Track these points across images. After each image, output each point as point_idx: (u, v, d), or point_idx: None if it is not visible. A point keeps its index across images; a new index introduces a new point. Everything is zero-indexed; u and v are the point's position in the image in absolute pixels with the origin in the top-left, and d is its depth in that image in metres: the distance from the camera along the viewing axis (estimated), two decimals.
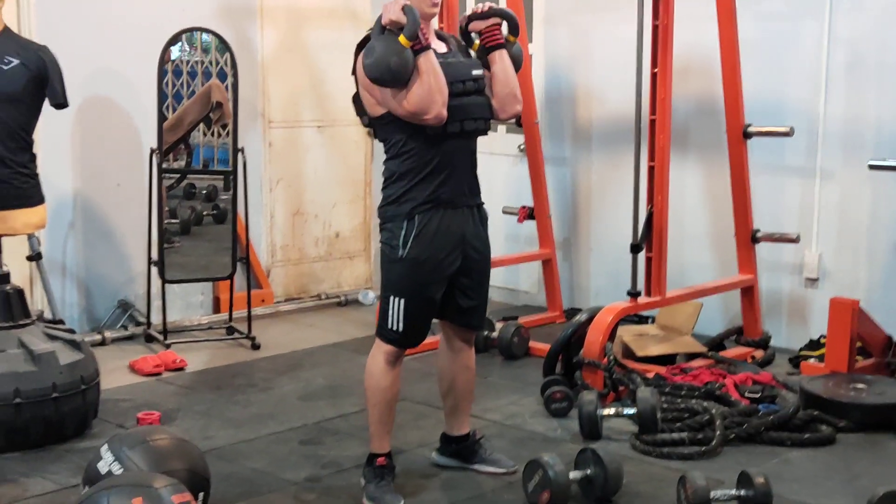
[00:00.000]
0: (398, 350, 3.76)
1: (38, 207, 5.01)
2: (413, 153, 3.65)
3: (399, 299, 3.68)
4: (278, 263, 6.79)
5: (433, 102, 3.53)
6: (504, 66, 3.77)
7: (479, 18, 3.79)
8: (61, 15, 5.62)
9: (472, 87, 3.70)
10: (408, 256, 3.66)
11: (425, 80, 3.52)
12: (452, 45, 3.79)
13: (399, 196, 3.69)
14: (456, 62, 3.70)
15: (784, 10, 5.67)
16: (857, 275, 5.55)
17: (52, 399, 4.21)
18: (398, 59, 3.51)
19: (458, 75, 3.66)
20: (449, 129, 3.64)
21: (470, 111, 3.70)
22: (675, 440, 4.25)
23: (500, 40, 3.77)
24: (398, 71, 3.51)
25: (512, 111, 3.81)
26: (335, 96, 6.90)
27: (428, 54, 3.56)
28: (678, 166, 5.64)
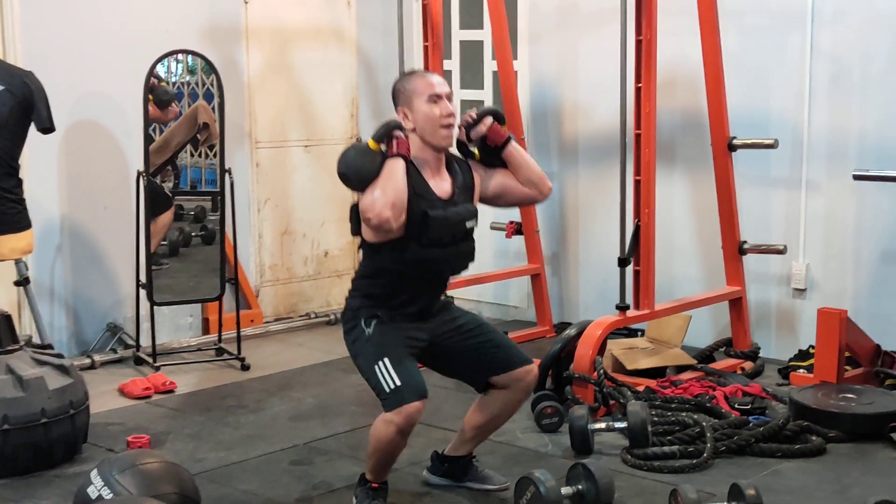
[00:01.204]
0: (413, 410, 3.56)
1: (24, 232, 5.00)
2: (386, 281, 3.72)
3: (381, 361, 3.62)
4: (267, 283, 6.78)
5: (375, 203, 3.52)
6: (521, 154, 3.86)
7: (474, 125, 3.83)
8: (46, 40, 5.63)
9: (461, 237, 3.75)
10: (374, 332, 3.69)
11: (378, 183, 3.54)
12: (458, 182, 3.78)
13: (360, 308, 3.74)
14: (453, 213, 3.70)
15: (767, 24, 5.71)
16: (845, 284, 5.57)
17: (40, 424, 4.19)
18: (354, 153, 3.59)
19: (452, 228, 3.70)
20: (426, 276, 3.73)
21: (451, 262, 3.79)
22: (665, 453, 4.26)
23: (506, 135, 3.84)
24: (354, 166, 3.57)
25: (546, 189, 3.91)
26: (321, 115, 6.92)
27: (392, 161, 3.58)
28: (664, 180, 5.66)
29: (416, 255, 3.66)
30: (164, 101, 5.86)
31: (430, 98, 3.67)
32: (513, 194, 3.90)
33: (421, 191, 3.66)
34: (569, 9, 6.44)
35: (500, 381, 3.85)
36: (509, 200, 3.99)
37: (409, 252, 3.66)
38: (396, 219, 3.54)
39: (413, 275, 3.70)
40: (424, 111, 3.67)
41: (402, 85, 3.76)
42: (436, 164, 3.74)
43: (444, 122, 3.67)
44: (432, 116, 3.66)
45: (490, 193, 3.89)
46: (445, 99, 3.70)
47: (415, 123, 3.69)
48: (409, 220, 3.61)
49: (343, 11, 7.02)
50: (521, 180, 3.86)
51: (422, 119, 3.68)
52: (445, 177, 3.77)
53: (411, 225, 3.62)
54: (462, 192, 3.78)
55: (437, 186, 3.72)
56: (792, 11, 5.58)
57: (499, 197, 3.92)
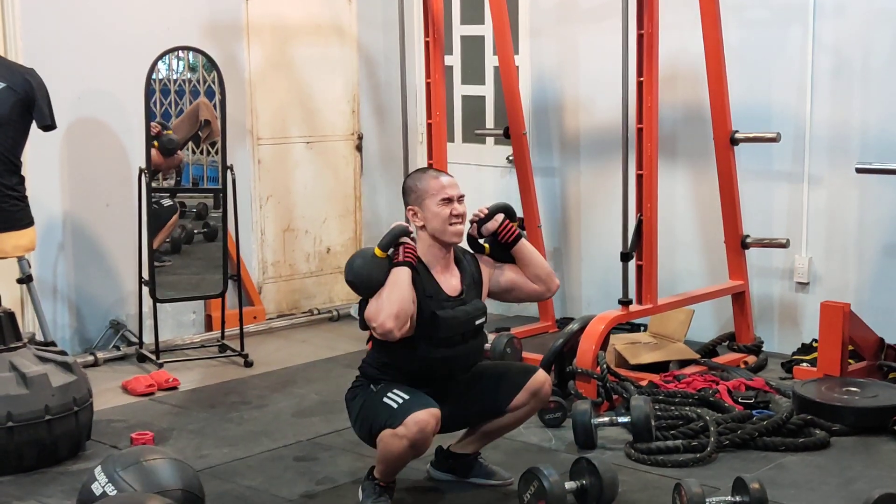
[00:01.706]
0: (422, 419, 3.54)
1: (27, 230, 5.01)
2: (393, 376, 3.74)
3: (389, 392, 3.64)
4: (269, 280, 6.78)
5: (379, 314, 3.54)
6: (531, 251, 3.93)
7: (486, 221, 3.88)
8: (47, 37, 5.63)
9: (470, 335, 3.78)
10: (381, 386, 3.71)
11: (384, 292, 3.57)
12: (467, 278, 3.81)
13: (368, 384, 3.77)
14: (462, 312, 3.73)
15: (768, 17, 5.70)
16: (847, 278, 5.57)
17: (44, 421, 4.19)
18: (361, 262, 3.62)
19: (461, 327, 3.73)
20: (436, 374, 3.76)
21: (461, 360, 3.81)
22: (669, 448, 4.26)
23: (517, 232, 3.89)
24: (360, 274, 3.60)
25: (554, 286, 3.97)
26: (323, 112, 6.92)
27: (399, 270, 3.60)
28: (667, 174, 5.66)
29: (426, 354, 3.71)
30: (169, 150, 5.87)
31: (442, 201, 3.72)
32: (521, 290, 3.95)
33: (430, 291, 3.69)
34: (570, 3, 6.43)
35: (519, 402, 3.88)
36: (517, 296, 4.03)
37: (420, 351, 3.70)
38: (400, 329, 3.56)
39: (422, 371, 3.74)
40: (435, 211, 3.71)
41: (414, 184, 3.80)
42: (444, 261, 3.78)
43: (454, 220, 3.72)
44: (443, 216, 3.70)
45: (499, 288, 3.94)
46: (457, 202, 3.74)
47: (424, 222, 3.74)
48: (419, 321, 3.65)
49: (343, 7, 7.02)
50: (529, 276, 3.91)
51: (432, 218, 3.72)
52: (455, 273, 3.80)
53: (421, 325, 3.66)
54: (471, 289, 3.81)
55: (446, 283, 3.76)
56: (793, 5, 5.58)
57: (507, 292, 3.97)
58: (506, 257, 3.93)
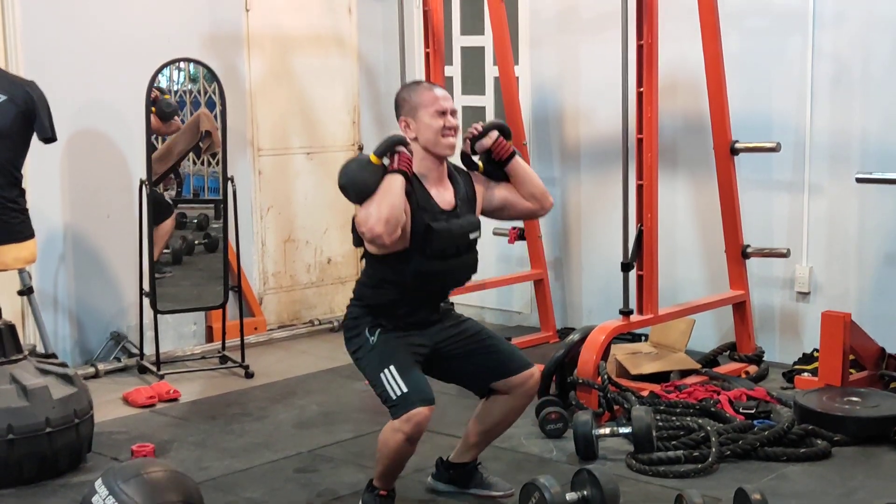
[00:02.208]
0: (420, 416, 3.55)
1: (28, 242, 5.01)
2: (389, 291, 3.72)
3: (387, 369, 3.64)
4: (270, 291, 6.79)
5: (369, 218, 3.52)
6: (525, 168, 3.89)
7: (480, 138, 3.86)
8: (48, 50, 5.64)
9: (464, 249, 3.76)
10: (378, 341, 3.71)
11: (375, 198, 3.55)
12: (461, 193, 3.79)
13: (362, 317, 3.76)
14: (456, 225, 3.71)
15: (768, 26, 5.70)
16: (848, 287, 5.56)
17: (45, 434, 4.19)
18: (355, 166, 3.60)
19: (455, 240, 3.71)
20: (429, 288, 3.74)
21: (455, 273, 3.80)
22: (671, 458, 4.25)
23: (511, 149, 3.86)
24: (353, 178, 3.58)
25: (549, 204, 3.95)
26: (323, 122, 6.93)
27: (392, 177, 3.58)
28: (667, 184, 5.66)
29: (419, 267, 3.67)
30: (167, 114, 5.88)
31: (436, 112, 3.70)
32: (515, 208, 3.93)
33: (424, 203, 3.67)
34: (570, 14, 6.44)
35: (501, 387, 3.85)
36: (511, 214, 4.01)
37: (413, 264, 3.66)
38: (389, 235, 3.53)
39: (416, 286, 3.71)
40: (428, 123, 3.69)
41: (407, 95, 3.78)
42: (438, 175, 3.75)
43: (447, 132, 3.70)
44: (436, 127, 3.68)
45: (492, 206, 3.91)
46: (450, 115, 3.73)
47: (417, 134, 3.71)
48: (413, 233, 3.63)
49: (344, 18, 7.03)
50: (523, 194, 3.89)
51: (425, 129, 3.69)
52: (448, 187, 3.78)
53: (415, 237, 3.63)
54: (464, 204, 3.79)
55: (440, 197, 3.73)
56: (793, 14, 5.58)
57: (501, 210, 3.94)
58: (500, 175, 3.89)
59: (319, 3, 6.89)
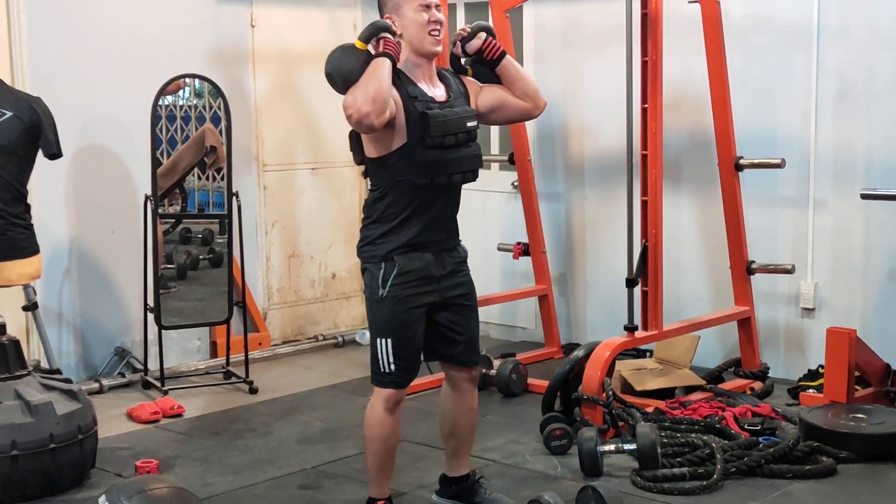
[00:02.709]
0: (396, 393, 3.72)
1: (33, 258, 5.01)
2: (397, 198, 3.67)
3: (385, 340, 3.69)
4: (275, 306, 6.79)
5: (356, 99, 3.47)
6: (517, 67, 3.84)
7: (469, 39, 3.82)
8: (54, 66, 5.65)
9: (464, 138, 3.71)
10: (388, 295, 3.68)
11: (361, 80, 3.51)
12: (453, 89, 3.77)
13: (376, 238, 3.71)
14: (452, 113, 3.67)
15: (772, 43, 5.71)
16: (853, 303, 5.55)
17: (49, 450, 4.18)
18: (340, 53, 3.58)
19: (453, 127, 3.66)
20: (436, 181, 3.66)
21: (459, 164, 3.72)
22: (675, 475, 4.24)
23: (501, 49, 3.81)
24: (338, 65, 3.55)
25: (542, 103, 3.89)
26: (328, 138, 6.93)
27: (377, 60, 3.53)
28: (672, 199, 5.66)
29: (421, 159, 3.61)
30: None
31: (419, 6, 3.65)
32: (508, 108, 3.86)
33: (415, 94, 3.63)
34: (574, 29, 6.45)
35: (445, 369, 3.92)
36: (505, 115, 3.94)
37: (415, 157, 3.61)
38: (378, 115, 3.47)
39: (422, 183, 3.64)
40: (413, 17, 3.64)
41: None
42: (427, 74, 3.71)
43: (432, 27, 3.65)
44: (421, 22, 3.63)
45: (485, 108, 3.84)
46: (434, 8, 3.67)
47: (402, 30, 3.66)
48: (409, 125, 3.58)
49: (349, 34, 7.04)
50: (517, 94, 3.82)
51: (410, 25, 3.65)
52: (438, 84, 3.74)
53: (411, 129, 3.59)
54: (457, 98, 3.75)
55: (431, 91, 3.69)
56: (797, 30, 5.59)
57: (494, 111, 3.87)
58: (490, 77, 3.83)
59: (324, 19, 6.91)
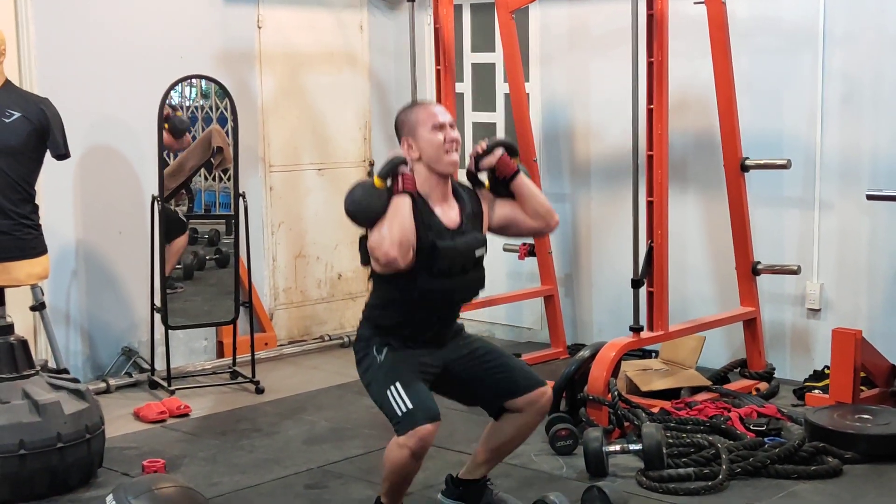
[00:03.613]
0: (425, 432, 3.56)
1: (40, 258, 5.03)
2: (396, 311, 3.73)
3: (393, 386, 3.64)
4: (281, 306, 6.80)
5: (382, 242, 3.54)
6: (530, 187, 3.87)
7: (484, 156, 3.86)
8: (61, 67, 5.67)
9: (470, 266, 3.76)
10: (386, 358, 3.71)
11: (385, 221, 3.57)
12: (466, 210, 3.80)
13: (371, 337, 3.77)
14: (462, 243, 3.72)
15: (778, 44, 5.71)
16: (859, 304, 5.55)
17: (56, 449, 4.20)
18: (361, 192, 3.62)
19: (460, 258, 3.72)
20: (435, 306, 3.74)
21: (462, 290, 3.80)
22: (681, 475, 4.25)
23: (515, 168, 3.85)
24: (360, 203, 3.60)
25: (554, 222, 3.93)
26: (335, 139, 6.95)
27: (398, 199, 3.60)
28: (677, 200, 5.66)
29: (426, 286, 3.68)
30: (179, 131, 5.92)
31: (433, 127, 3.71)
32: (519, 226, 3.93)
33: (429, 222, 3.68)
34: (580, 31, 6.46)
35: (515, 406, 3.84)
36: (516, 231, 4.02)
37: (420, 283, 3.67)
38: (404, 257, 3.56)
39: (423, 305, 3.72)
40: (428, 139, 3.69)
41: (405, 116, 3.80)
42: (442, 193, 3.76)
43: (448, 147, 3.70)
44: (436, 143, 3.69)
45: (497, 224, 3.91)
46: (449, 127, 3.73)
47: (420, 152, 3.71)
48: (419, 251, 3.63)
49: (355, 35, 7.06)
50: (528, 212, 3.88)
51: (426, 146, 3.70)
52: (453, 205, 3.79)
53: (421, 256, 3.64)
54: (470, 221, 3.79)
55: (445, 215, 3.74)
56: (803, 32, 5.59)
57: (506, 227, 3.95)
58: (505, 192, 3.88)
59: (331, 20, 6.93)
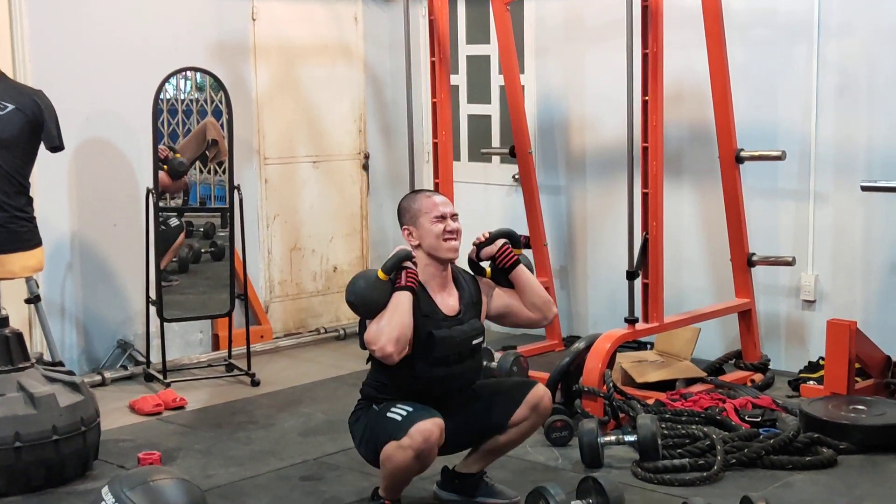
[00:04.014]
0: (426, 428, 3.57)
1: (35, 250, 5.01)
2: (392, 397, 3.76)
3: (391, 406, 3.69)
4: (276, 299, 6.80)
5: (379, 337, 3.58)
6: (529, 278, 3.92)
7: (486, 244, 3.90)
8: (55, 59, 5.66)
9: (467, 354, 3.79)
10: (382, 405, 3.75)
11: (385, 316, 3.61)
12: (465, 298, 3.83)
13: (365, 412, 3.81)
14: (459, 332, 3.75)
15: (773, 36, 5.71)
16: (854, 296, 5.56)
17: (52, 441, 4.20)
18: (364, 284, 3.66)
19: (457, 347, 3.75)
20: (433, 393, 3.77)
21: (458, 379, 3.83)
22: (676, 466, 4.26)
23: (515, 257, 3.89)
24: (362, 296, 3.64)
25: (551, 315, 3.98)
26: (329, 132, 6.94)
27: (401, 294, 3.63)
28: (672, 192, 5.67)
29: (423, 374, 3.73)
30: (178, 173, 5.92)
31: (435, 218, 3.75)
32: (517, 316, 3.96)
33: (427, 310, 3.72)
34: (575, 22, 6.46)
35: (520, 416, 3.87)
36: (513, 321, 4.04)
37: (417, 370, 3.72)
38: (399, 353, 3.61)
39: (420, 390, 3.75)
40: (429, 228, 3.74)
41: (408, 204, 3.84)
42: (441, 280, 3.80)
43: (448, 235, 3.75)
44: (437, 232, 3.74)
45: (495, 312, 3.95)
46: (451, 219, 3.78)
47: (420, 240, 3.77)
48: (416, 340, 3.68)
49: (350, 27, 7.06)
50: (525, 304, 3.91)
51: (426, 235, 3.75)
52: (452, 292, 3.83)
53: (418, 344, 3.68)
54: (468, 309, 3.83)
55: (443, 303, 3.78)
56: (798, 23, 5.59)
57: (503, 317, 3.98)
58: (506, 282, 3.94)
59: (325, 12, 6.92)
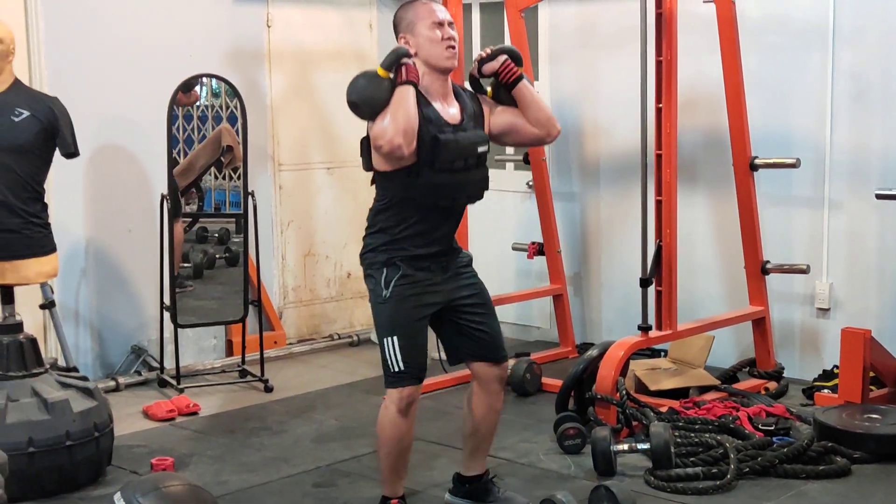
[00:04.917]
0: (410, 392, 3.71)
1: (50, 256, 5.04)
2: (400, 212, 3.72)
3: (392, 338, 3.70)
4: (290, 305, 6.81)
5: (386, 131, 3.53)
6: (532, 93, 3.84)
7: (488, 61, 3.83)
8: (71, 66, 5.69)
9: (473, 163, 3.75)
10: (392, 296, 3.71)
11: (389, 110, 3.56)
12: (467, 110, 3.79)
13: (379, 246, 3.76)
14: (463, 137, 3.71)
15: (787, 42, 5.70)
16: (868, 304, 5.53)
17: (65, 447, 4.22)
18: (364, 81, 3.60)
19: (463, 152, 3.70)
20: (441, 203, 3.72)
21: (466, 188, 3.78)
22: (689, 475, 4.24)
23: (518, 73, 3.82)
24: (364, 93, 3.59)
25: (555, 131, 3.89)
26: (344, 138, 6.95)
27: (402, 88, 3.58)
28: (686, 199, 5.65)
29: (428, 181, 3.65)
30: (187, 87, 5.88)
31: (432, 24, 3.69)
32: (521, 133, 3.88)
33: (430, 116, 3.66)
34: (589, 29, 6.46)
35: (472, 369, 3.91)
36: (516, 139, 3.98)
37: (422, 178, 3.65)
38: (408, 145, 3.55)
39: (427, 203, 3.69)
40: (427, 35, 3.68)
41: (404, 13, 3.77)
42: (442, 90, 3.74)
43: (446, 42, 3.69)
44: (434, 38, 3.67)
45: (498, 130, 3.87)
46: (448, 25, 3.72)
47: (417, 49, 3.69)
48: (420, 146, 3.61)
49: (364, 34, 7.07)
50: (529, 120, 3.84)
51: (424, 43, 3.68)
52: (453, 103, 3.77)
53: (422, 150, 3.62)
54: (471, 119, 3.78)
55: (445, 112, 3.72)
56: (812, 30, 5.57)
57: (506, 134, 3.90)
58: (508, 100, 3.86)
59: (340, 19, 6.93)
